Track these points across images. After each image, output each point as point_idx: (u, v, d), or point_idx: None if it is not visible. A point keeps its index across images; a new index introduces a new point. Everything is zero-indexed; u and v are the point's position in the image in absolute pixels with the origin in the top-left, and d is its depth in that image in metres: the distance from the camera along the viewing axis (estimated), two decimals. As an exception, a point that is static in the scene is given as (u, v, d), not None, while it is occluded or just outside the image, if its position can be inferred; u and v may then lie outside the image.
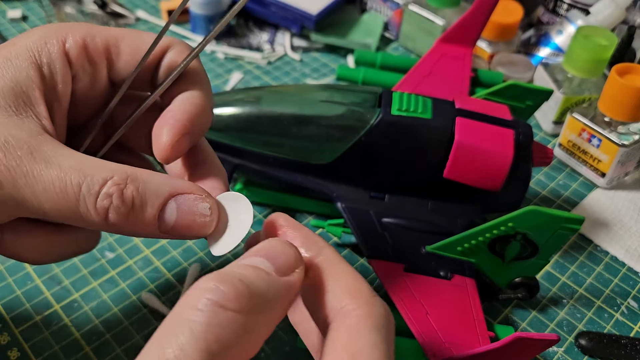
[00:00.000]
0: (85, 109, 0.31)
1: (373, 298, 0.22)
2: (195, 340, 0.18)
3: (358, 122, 0.42)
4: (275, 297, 0.21)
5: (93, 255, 0.44)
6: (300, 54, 0.67)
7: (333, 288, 0.22)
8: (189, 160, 0.30)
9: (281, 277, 0.21)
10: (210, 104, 0.30)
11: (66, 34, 0.28)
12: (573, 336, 0.41)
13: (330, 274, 0.23)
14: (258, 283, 0.20)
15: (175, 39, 0.31)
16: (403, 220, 0.43)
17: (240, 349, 0.19)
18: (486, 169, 0.41)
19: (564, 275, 0.46)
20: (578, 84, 0.55)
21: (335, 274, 0.23)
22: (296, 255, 0.22)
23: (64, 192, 0.24)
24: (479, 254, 0.40)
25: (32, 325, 0.40)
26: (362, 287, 0.22)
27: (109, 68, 0.30)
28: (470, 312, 0.38)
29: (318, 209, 0.48)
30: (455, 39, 0.56)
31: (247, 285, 0.20)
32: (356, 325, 0.21)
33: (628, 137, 0.50)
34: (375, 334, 0.21)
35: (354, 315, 0.21)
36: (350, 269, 0.23)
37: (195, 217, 0.25)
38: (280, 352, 0.39)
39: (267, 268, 0.21)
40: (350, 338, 0.21)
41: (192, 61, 0.29)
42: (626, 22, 0.61)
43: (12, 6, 0.71)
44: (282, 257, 0.22)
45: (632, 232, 0.49)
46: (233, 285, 0.20)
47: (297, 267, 0.22)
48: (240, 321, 0.19)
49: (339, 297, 0.22)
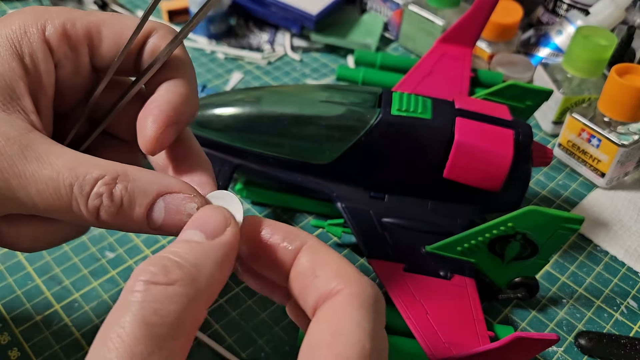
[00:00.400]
0: (68, 96, 0.30)
1: (361, 278, 0.23)
2: (134, 317, 0.20)
3: (358, 122, 0.42)
4: (210, 262, 0.22)
5: (93, 255, 0.44)
6: (300, 54, 0.67)
7: (320, 274, 0.23)
8: (173, 151, 0.30)
9: (212, 240, 0.23)
10: (195, 92, 0.29)
11: (45, 20, 0.28)
12: (573, 336, 0.42)
13: (317, 262, 0.23)
14: (187, 255, 0.22)
15: (159, 22, 0.31)
16: (403, 220, 0.43)
17: (184, 315, 0.21)
18: (486, 169, 0.41)
19: (563, 275, 0.46)
20: (578, 84, 0.55)
21: (322, 261, 0.23)
22: (224, 215, 0.24)
23: (57, 192, 0.25)
24: (478, 253, 0.40)
25: (32, 325, 0.40)
26: (349, 269, 0.23)
27: (91, 54, 0.29)
28: (470, 312, 0.38)
29: (318, 209, 0.48)
30: (455, 39, 0.56)
31: (176, 259, 0.21)
32: (341, 304, 0.22)
33: (628, 137, 0.50)
34: (362, 312, 0.21)
35: (341, 294, 0.22)
36: (336, 255, 0.24)
37: (183, 216, 0.25)
38: (280, 352, 0.39)
39: (199, 238, 0.23)
40: (335, 316, 0.21)
41: (176, 48, 0.28)
42: (626, 22, 0.61)
43: (12, 6, 0.71)
44: (211, 222, 0.23)
45: (631, 232, 0.49)
46: (161, 263, 0.21)
47: (226, 226, 0.23)
48: (175, 291, 0.20)
49: (327, 281, 0.23)
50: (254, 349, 0.39)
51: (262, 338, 0.40)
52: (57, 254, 0.44)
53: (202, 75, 0.63)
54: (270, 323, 0.41)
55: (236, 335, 0.40)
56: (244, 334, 0.40)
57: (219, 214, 0.24)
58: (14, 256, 0.44)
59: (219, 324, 0.41)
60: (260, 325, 0.41)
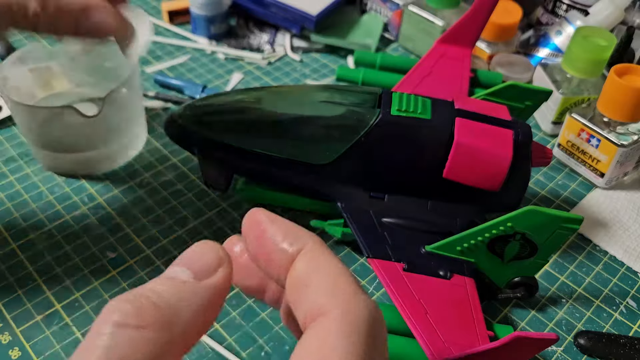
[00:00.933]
0: None
1: (355, 296, 0.20)
2: None
3: (358, 123, 0.42)
4: (192, 305, 0.20)
5: (94, 255, 0.45)
6: (301, 55, 0.67)
7: (314, 284, 0.21)
8: None
9: (200, 281, 0.21)
10: None
11: None
12: (572, 335, 0.42)
13: (312, 270, 0.21)
14: (167, 295, 0.20)
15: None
16: (403, 220, 0.43)
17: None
18: (485, 169, 0.41)
19: (563, 275, 0.46)
20: (577, 84, 0.55)
21: (318, 271, 0.21)
22: (218, 254, 0.21)
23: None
24: (478, 253, 0.40)
25: (33, 324, 0.40)
26: (345, 283, 0.20)
27: None
28: (469, 311, 0.38)
29: (318, 209, 0.48)
30: (454, 40, 0.56)
31: (153, 299, 0.19)
32: (327, 330, 0.19)
33: (627, 137, 0.50)
34: (351, 340, 0.19)
35: (329, 317, 0.19)
36: (334, 263, 0.21)
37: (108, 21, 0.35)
38: (280, 352, 0.39)
39: (185, 276, 0.21)
40: (318, 344, 0.19)
41: None
42: (625, 23, 0.62)
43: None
44: (201, 261, 0.21)
45: (630, 232, 0.49)
46: (136, 302, 0.19)
47: (219, 266, 0.21)
48: (145, 336, 0.18)
49: (317, 296, 0.20)
50: (254, 349, 0.40)
51: (263, 337, 0.40)
52: (58, 253, 0.45)
53: (202, 75, 0.63)
54: (271, 323, 0.41)
55: (236, 335, 0.40)
56: (244, 334, 0.40)
57: (213, 252, 0.21)
58: (15, 256, 0.44)
59: (219, 323, 0.41)
60: (261, 325, 0.41)
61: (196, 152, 0.45)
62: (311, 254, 0.21)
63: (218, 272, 0.21)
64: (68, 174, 0.51)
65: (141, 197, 0.50)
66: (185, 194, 0.50)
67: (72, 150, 0.49)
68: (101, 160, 0.51)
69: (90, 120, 0.47)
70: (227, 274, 0.21)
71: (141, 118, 0.53)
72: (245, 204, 0.49)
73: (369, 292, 0.44)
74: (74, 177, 0.51)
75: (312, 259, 0.21)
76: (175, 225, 0.47)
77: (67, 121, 0.47)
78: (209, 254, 0.21)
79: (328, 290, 0.20)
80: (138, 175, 0.51)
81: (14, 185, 0.50)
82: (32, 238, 0.46)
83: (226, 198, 0.50)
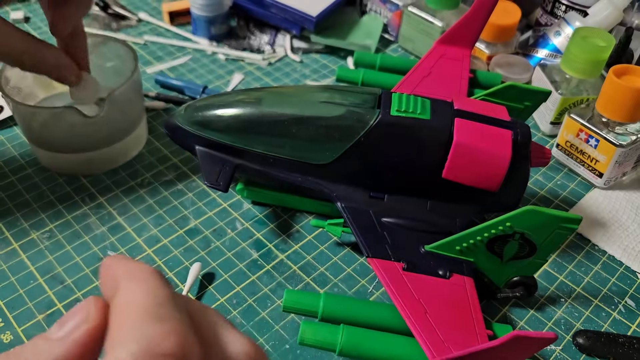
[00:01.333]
0: None
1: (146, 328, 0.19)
2: None
3: (358, 123, 0.42)
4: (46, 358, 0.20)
5: (95, 254, 0.45)
6: (301, 56, 0.67)
7: None
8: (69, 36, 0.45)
9: (61, 336, 0.20)
10: None
11: None
12: (571, 335, 0.42)
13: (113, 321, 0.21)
14: (24, 352, 0.20)
15: None
16: (402, 219, 0.43)
17: None
18: (484, 169, 0.41)
19: (561, 275, 0.46)
20: (576, 84, 0.56)
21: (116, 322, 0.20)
22: (87, 310, 0.21)
23: None
24: (477, 253, 0.40)
25: (34, 324, 0.40)
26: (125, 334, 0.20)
27: None
28: (468, 310, 0.38)
29: (318, 209, 0.48)
30: (454, 41, 0.56)
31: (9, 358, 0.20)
32: None
33: (625, 137, 0.50)
34: None
35: None
36: (139, 308, 0.20)
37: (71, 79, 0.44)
38: (280, 350, 0.40)
39: (54, 331, 0.20)
40: None
41: None
42: (624, 24, 0.62)
43: (14, 7, 0.71)
44: (69, 317, 0.21)
45: (629, 232, 0.49)
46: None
47: (84, 322, 0.21)
48: None
49: None
50: (255, 348, 0.40)
51: (263, 337, 0.40)
52: (59, 253, 0.45)
53: (203, 76, 0.63)
54: (271, 322, 0.41)
55: (237, 334, 0.40)
56: (244, 333, 0.40)
57: (83, 309, 0.21)
58: (17, 256, 0.44)
59: (220, 323, 0.41)
60: (261, 324, 0.41)
61: (196, 152, 0.45)
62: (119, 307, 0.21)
63: (80, 327, 0.21)
64: (69, 174, 0.51)
65: (142, 197, 0.50)
66: (186, 194, 0.50)
67: (73, 150, 0.50)
68: (102, 160, 0.51)
69: (91, 121, 0.47)
70: (87, 329, 0.21)
71: (142, 118, 0.53)
72: (245, 204, 0.49)
73: (369, 292, 0.44)
74: (75, 177, 0.51)
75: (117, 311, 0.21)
76: (176, 225, 0.48)
77: (68, 121, 0.47)
78: (78, 312, 0.21)
79: None
80: (139, 175, 0.52)
81: (15, 185, 0.50)
82: (33, 238, 0.46)
83: (226, 198, 0.50)
